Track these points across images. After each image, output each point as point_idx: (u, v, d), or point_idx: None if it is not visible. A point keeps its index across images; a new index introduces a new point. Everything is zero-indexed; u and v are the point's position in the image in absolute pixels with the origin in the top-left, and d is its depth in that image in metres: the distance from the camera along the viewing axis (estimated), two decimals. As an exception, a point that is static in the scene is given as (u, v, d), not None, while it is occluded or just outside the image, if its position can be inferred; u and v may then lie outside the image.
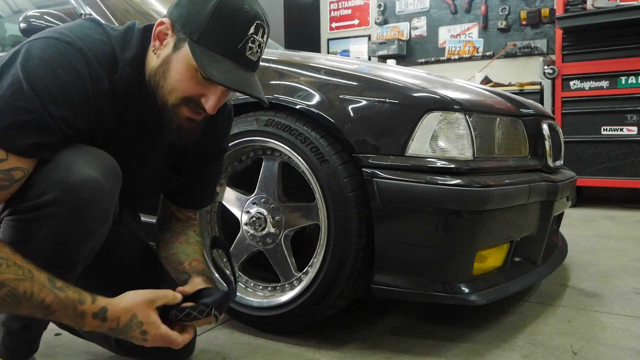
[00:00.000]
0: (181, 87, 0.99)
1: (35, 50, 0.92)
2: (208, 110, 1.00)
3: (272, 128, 1.46)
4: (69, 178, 0.91)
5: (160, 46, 1.00)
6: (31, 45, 0.93)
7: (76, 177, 0.92)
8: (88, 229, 0.96)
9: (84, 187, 0.92)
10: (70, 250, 0.97)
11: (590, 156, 3.94)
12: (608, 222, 3.38)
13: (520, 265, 1.62)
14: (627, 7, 3.70)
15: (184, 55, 0.96)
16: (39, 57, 0.91)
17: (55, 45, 0.93)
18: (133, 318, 0.95)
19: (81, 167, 0.92)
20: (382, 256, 1.37)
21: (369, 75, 1.49)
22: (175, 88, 0.99)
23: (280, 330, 1.51)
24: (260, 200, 1.54)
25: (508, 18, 4.97)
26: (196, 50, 0.95)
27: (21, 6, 2.33)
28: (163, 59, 0.99)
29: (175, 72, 0.98)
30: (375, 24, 5.75)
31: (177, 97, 0.99)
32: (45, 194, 0.91)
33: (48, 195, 0.91)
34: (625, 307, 1.73)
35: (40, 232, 0.92)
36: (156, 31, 1.00)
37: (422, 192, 1.30)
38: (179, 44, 0.97)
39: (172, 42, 0.98)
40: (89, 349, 1.37)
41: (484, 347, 1.42)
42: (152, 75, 1.01)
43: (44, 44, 0.93)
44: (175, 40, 0.98)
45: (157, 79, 1.00)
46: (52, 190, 0.91)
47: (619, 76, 3.82)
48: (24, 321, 0.99)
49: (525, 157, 1.60)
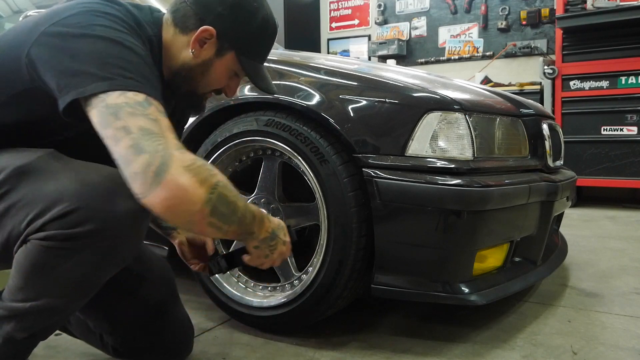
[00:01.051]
0: (216, 83, 1.15)
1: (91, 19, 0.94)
2: (230, 96, 1.21)
3: (272, 128, 1.46)
4: (112, 210, 0.89)
5: (199, 49, 1.09)
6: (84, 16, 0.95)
7: (119, 210, 0.89)
8: (120, 261, 0.97)
9: (126, 221, 0.91)
10: (98, 279, 0.97)
11: (590, 156, 3.94)
12: (608, 222, 3.38)
13: (520, 265, 1.62)
14: (627, 7, 3.70)
15: (226, 62, 1.12)
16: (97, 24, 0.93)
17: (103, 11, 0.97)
18: (279, 222, 1.13)
19: (124, 198, 0.89)
20: (382, 256, 1.37)
21: (369, 75, 1.49)
22: (211, 84, 1.14)
23: (280, 330, 1.51)
24: (260, 200, 1.54)
25: (508, 18, 4.97)
26: (244, 62, 1.12)
27: (21, 6, 2.33)
28: (203, 60, 1.10)
29: (215, 73, 1.12)
30: (375, 24, 5.75)
31: (210, 89, 1.16)
32: (85, 223, 0.88)
33: (88, 226, 0.88)
34: (625, 307, 1.73)
35: (73, 260, 0.90)
36: (199, 36, 1.08)
37: (422, 192, 1.30)
38: (222, 51, 1.10)
39: (214, 49, 1.10)
40: (88, 350, 1.37)
41: (484, 347, 1.42)
42: (184, 69, 1.11)
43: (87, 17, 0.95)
44: (217, 48, 1.10)
45: (193, 75, 1.11)
46: (92, 221, 0.88)
47: (619, 76, 3.82)
48: (33, 330, 0.99)
49: (525, 157, 1.60)
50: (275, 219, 1.13)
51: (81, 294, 0.98)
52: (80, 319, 1.28)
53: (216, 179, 0.89)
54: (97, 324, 1.25)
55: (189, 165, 0.85)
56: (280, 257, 1.13)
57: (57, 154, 0.99)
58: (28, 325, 0.97)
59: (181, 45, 1.10)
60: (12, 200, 0.92)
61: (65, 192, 0.89)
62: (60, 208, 0.88)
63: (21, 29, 1.00)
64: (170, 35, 1.11)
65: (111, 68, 0.89)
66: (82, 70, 0.88)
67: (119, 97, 0.87)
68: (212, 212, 0.88)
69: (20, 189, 0.92)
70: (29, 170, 0.94)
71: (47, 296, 0.94)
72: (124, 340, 1.25)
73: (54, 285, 0.93)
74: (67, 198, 0.88)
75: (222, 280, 1.58)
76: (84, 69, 0.88)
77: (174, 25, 1.10)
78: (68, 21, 0.94)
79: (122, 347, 1.26)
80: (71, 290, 0.94)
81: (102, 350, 1.32)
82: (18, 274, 0.93)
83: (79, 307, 1.10)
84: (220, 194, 0.89)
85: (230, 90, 1.18)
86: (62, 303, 0.97)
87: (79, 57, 0.90)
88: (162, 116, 0.90)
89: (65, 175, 0.93)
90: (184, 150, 0.87)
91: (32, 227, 0.89)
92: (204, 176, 0.87)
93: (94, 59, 0.89)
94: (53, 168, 0.95)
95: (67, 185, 0.90)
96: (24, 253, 0.91)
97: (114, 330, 1.24)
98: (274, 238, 1.09)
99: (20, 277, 0.93)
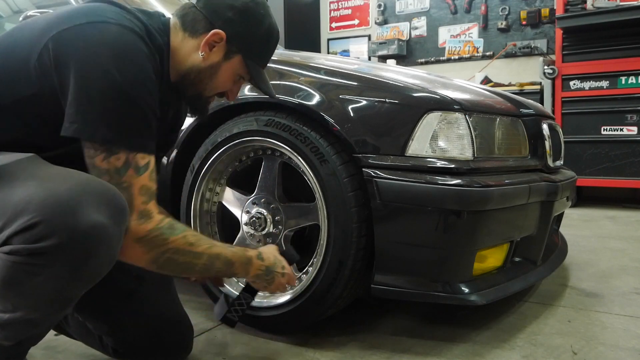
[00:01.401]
0: (222, 86, 1.19)
1: (103, 38, 0.97)
2: (231, 100, 1.24)
3: (272, 128, 1.46)
4: (76, 223, 0.85)
5: (209, 52, 1.12)
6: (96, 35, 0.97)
7: (84, 224, 0.86)
8: (94, 274, 0.92)
9: (91, 234, 0.86)
10: (72, 293, 0.94)
11: (590, 156, 3.94)
12: (608, 222, 3.38)
13: (520, 265, 1.62)
14: (627, 7, 3.70)
15: (233, 65, 1.16)
16: (110, 45, 0.97)
17: (122, 32, 0.99)
18: (276, 257, 1.25)
19: (89, 211, 0.87)
20: (382, 256, 1.37)
21: (369, 75, 1.49)
22: (218, 87, 1.18)
23: (280, 330, 1.51)
24: (260, 200, 1.54)
25: (508, 18, 4.97)
26: (250, 66, 1.17)
27: (21, 6, 2.33)
28: (211, 63, 1.14)
29: (222, 76, 1.16)
30: (375, 24, 5.75)
31: (216, 92, 1.19)
32: (48, 237, 0.84)
33: (52, 240, 0.84)
34: (625, 307, 1.73)
35: (42, 275, 0.86)
36: (209, 40, 1.11)
37: (422, 192, 1.30)
38: (230, 55, 1.14)
39: (223, 52, 1.13)
40: (87, 351, 1.37)
41: (484, 347, 1.42)
42: (192, 73, 1.14)
43: (103, 30, 0.98)
44: (225, 51, 1.14)
45: (202, 78, 1.15)
46: (56, 235, 0.84)
47: (619, 76, 3.82)
48: (17, 339, 0.97)
49: (525, 157, 1.60)
50: (272, 253, 1.25)
51: (57, 308, 0.95)
52: (79, 321, 1.28)
53: (165, 248, 1.02)
54: (97, 326, 1.25)
55: (141, 238, 1.00)
56: (278, 287, 1.27)
57: (37, 159, 0.96)
58: (11, 335, 0.95)
59: (190, 48, 1.13)
60: None
61: (31, 202, 0.86)
62: (24, 220, 0.84)
63: (28, 33, 1.01)
64: (179, 39, 1.13)
65: (112, 126, 0.97)
66: (92, 120, 0.96)
67: (103, 160, 0.97)
68: (160, 269, 1.06)
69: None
70: (3, 174, 0.91)
71: (21, 309, 0.91)
72: (124, 341, 1.25)
73: (26, 299, 0.90)
74: (32, 209, 0.85)
75: (221, 280, 1.58)
76: (92, 119, 0.96)
77: (182, 29, 1.13)
78: (87, 39, 0.97)
79: (122, 347, 1.26)
80: (45, 305, 0.91)
81: (101, 352, 1.32)
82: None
83: (60, 318, 1.09)
84: (167, 258, 1.03)
85: (232, 94, 1.22)
86: (39, 316, 0.94)
87: (95, 106, 0.96)
88: (135, 177, 0.99)
89: (36, 182, 0.90)
90: (144, 220, 1.00)
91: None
92: (153, 245, 1.01)
93: (103, 111, 0.96)
94: (26, 174, 0.92)
95: (34, 194, 0.87)
96: None
97: (114, 332, 1.24)
98: (270, 273, 1.23)
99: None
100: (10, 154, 0.96)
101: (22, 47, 1.00)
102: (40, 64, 0.97)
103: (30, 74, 0.97)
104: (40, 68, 0.97)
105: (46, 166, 0.95)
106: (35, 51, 0.97)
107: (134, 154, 0.99)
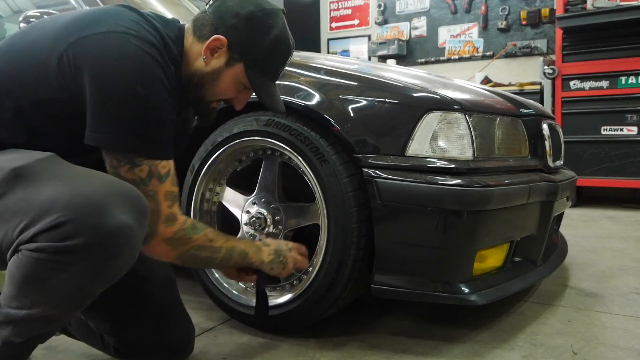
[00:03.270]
0: (225, 93, 1.19)
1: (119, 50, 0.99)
2: (237, 109, 1.24)
3: (272, 128, 1.46)
4: (103, 224, 0.87)
5: (210, 57, 1.14)
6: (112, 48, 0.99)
7: (111, 224, 0.88)
8: (115, 273, 0.95)
9: (118, 235, 0.89)
10: (92, 291, 0.96)
11: (590, 156, 3.94)
12: (608, 222, 3.38)
13: (520, 265, 1.62)
14: (627, 7, 3.70)
15: (235, 73, 1.15)
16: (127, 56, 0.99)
17: (143, 45, 1.01)
18: (276, 240, 1.35)
19: (116, 212, 0.89)
20: (382, 256, 1.37)
21: (369, 75, 1.49)
22: (219, 93, 1.18)
23: (280, 330, 1.51)
24: (260, 200, 1.54)
25: (508, 18, 4.97)
26: (251, 76, 1.16)
27: (21, 6, 2.33)
28: (213, 69, 1.15)
29: (224, 83, 1.16)
30: (375, 24, 5.75)
31: (217, 98, 1.20)
32: (75, 236, 0.86)
33: (79, 239, 0.86)
34: (625, 307, 1.73)
35: (65, 273, 0.88)
36: (210, 45, 1.12)
37: (422, 192, 1.30)
38: (232, 62, 1.14)
39: (225, 58, 1.14)
40: (88, 351, 1.37)
41: (484, 347, 1.42)
42: (196, 76, 1.16)
43: (124, 42, 0.99)
44: (227, 58, 1.14)
45: (204, 82, 1.16)
46: (83, 234, 0.86)
47: (619, 76, 3.82)
48: (30, 336, 0.99)
49: (525, 157, 1.60)
50: (271, 240, 1.36)
51: (75, 305, 0.97)
52: (81, 320, 1.28)
53: (189, 246, 1.12)
54: (99, 325, 1.25)
55: (168, 238, 1.09)
56: (295, 263, 1.33)
57: (57, 159, 0.98)
58: (24, 331, 0.96)
59: (196, 52, 1.15)
60: (6, 204, 0.90)
61: (58, 202, 0.87)
62: (52, 219, 0.86)
63: (46, 34, 1.01)
64: (189, 43, 1.16)
65: (135, 137, 1.01)
66: (116, 132, 0.99)
67: (128, 171, 1.02)
68: (185, 263, 1.16)
69: (15, 192, 0.91)
70: (26, 174, 0.92)
71: (40, 306, 0.93)
72: (126, 340, 1.25)
73: (46, 296, 0.92)
74: (59, 208, 0.87)
75: (222, 280, 1.58)
76: (116, 131, 0.99)
77: (192, 34, 1.16)
78: (108, 50, 0.98)
79: (124, 347, 1.26)
80: (64, 301, 0.93)
81: (103, 351, 1.32)
82: (11, 283, 0.92)
83: (76, 315, 1.10)
84: (192, 254, 1.14)
85: (239, 103, 1.22)
86: (56, 312, 0.96)
87: (117, 117, 0.99)
88: (159, 185, 1.04)
89: (60, 182, 0.91)
90: (170, 223, 1.07)
91: (24, 236, 0.88)
92: (179, 244, 1.11)
93: (125, 120, 0.99)
94: (50, 173, 0.94)
95: (60, 193, 0.89)
96: (15, 263, 0.90)
97: (116, 331, 1.24)
98: (280, 254, 1.30)
99: (13, 287, 0.91)
100: (28, 152, 0.98)
101: (40, 49, 1.01)
102: (60, 68, 0.98)
103: (50, 77, 0.99)
104: (59, 72, 0.98)
105: (68, 166, 0.98)
106: (54, 55, 0.98)
107: (156, 164, 1.04)
